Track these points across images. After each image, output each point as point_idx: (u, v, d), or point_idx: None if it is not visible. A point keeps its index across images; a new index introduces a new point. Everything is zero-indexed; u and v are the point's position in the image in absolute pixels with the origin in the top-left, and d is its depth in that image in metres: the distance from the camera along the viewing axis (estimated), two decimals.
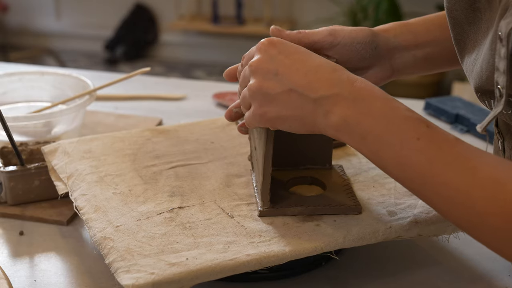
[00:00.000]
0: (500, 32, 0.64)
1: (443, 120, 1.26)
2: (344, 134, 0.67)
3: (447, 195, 0.62)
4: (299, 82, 0.68)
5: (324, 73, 0.69)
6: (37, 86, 1.20)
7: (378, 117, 0.66)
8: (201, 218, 0.78)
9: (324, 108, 0.68)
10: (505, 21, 0.63)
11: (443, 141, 0.64)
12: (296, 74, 0.69)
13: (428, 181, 0.63)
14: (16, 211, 0.90)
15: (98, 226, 0.76)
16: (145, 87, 1.42)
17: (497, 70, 0.66)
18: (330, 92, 0.67)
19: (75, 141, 0.94)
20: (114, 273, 0.69)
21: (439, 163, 0.62)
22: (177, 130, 0.98)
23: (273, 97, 0.69)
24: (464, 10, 0.71)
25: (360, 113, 0.66)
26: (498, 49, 0.65)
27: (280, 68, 0.69)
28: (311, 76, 0.69)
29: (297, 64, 0.70)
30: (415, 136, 0.64)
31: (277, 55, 0.70)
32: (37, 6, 4.70)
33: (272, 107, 0.70)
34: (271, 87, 0.69)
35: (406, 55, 0.85)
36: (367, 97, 0.67)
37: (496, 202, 0.59)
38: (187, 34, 4.50)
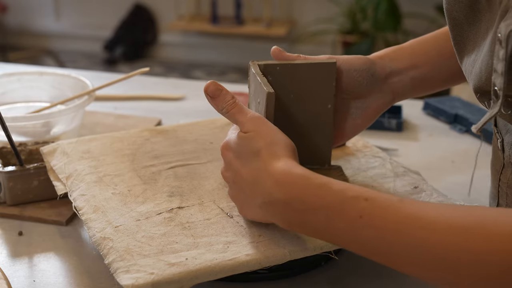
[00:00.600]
0: (499, 34, 0.64)
1: (442, 120, 1.26)
2: (299, 231, 0.70)
3: (409, 259, 0.60)
4: (247, 190, 0.71)
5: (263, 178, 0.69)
6: (36, 86, 1.20)
7: (316, 209, 0.65)
8: (201, 218, 0.78)
9: (268, 214, 0.70)
10: (505, 23, 0.63)
11: (386, 209, 0.62)
12: (244, 181, 0.72)
13: (387, 251, 0.62)
14: (15, 211, 0.90)
15: (98, 226, 0.76)
16: (144, 87, 1.42)
17: (495, 72, 0.66)
18: (268, 199, 0.68)
19: (74, 142, 0.94)
20: (114, 273, 0.69)
21: (388, 232, 0.61)
22: (176, 130, 0.99)
23: (239, 201, 0.75)
24: (464, 11, 0.71)
25: (300, 214, 0.66)
26: (497, 51, 0.65)
27: (235, 174, 0.73)
28: (254, 181, 0.70)
29: (245, 167, 0.72)
30: (357, 215, 0.62)
31: (233, 160, 0.73)
32: (37, 7, 4.70)
33: (242, 209, 0.75)
34: (235, 194, 0.75)
35: (404, 78, 0.86)
36: (298, 195, 0.66)
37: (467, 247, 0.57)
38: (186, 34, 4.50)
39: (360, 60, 0.83)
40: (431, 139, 1.20)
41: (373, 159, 0.92)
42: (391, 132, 1.21)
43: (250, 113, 0.74)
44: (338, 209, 0.64)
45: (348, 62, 0.83)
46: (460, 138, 1.20)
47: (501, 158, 0.79)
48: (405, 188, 0.84)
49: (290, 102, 0.81)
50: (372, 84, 0.84)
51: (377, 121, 1.21)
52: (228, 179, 0.75)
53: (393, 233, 0.61)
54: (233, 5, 4.29)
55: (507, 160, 0.78)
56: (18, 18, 4.73)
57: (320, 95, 0.82)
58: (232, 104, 0.75)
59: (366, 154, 0.93)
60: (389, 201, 0.63)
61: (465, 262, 0.57)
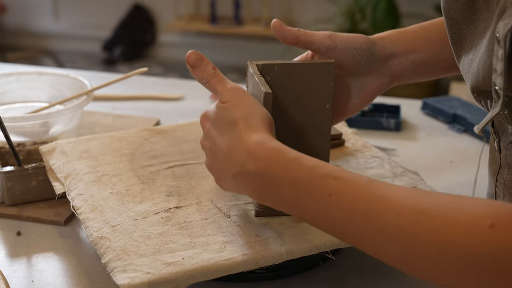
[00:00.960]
0: (497, 34, 0.64)
1: (441, 119, 1.26)
2: (267, 204, 0.68)
3: (376, 241, 0.60)
4: (222, 160, 0.71)
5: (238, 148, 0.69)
6: (34, 86, 1.20)
7: (288, 183, 0.65)
8: (198, 217, 0.78)
9: (240, 184, 0.69)
10: (502, 22, 0.63)
11: (356, 189, 0.62)
12: (220, 151, 0.71)
13: (354, 232, 0.62)
14: (13, 212, 0.90)
15: (95, 226, 0.76)
16: (143, 87, 1.42)
17: (494, 72, 0.66)
18: (240, 170, 0.68)
19: (73, 141, 0.94)
20: (110, 272, 0.69)
21: (357, 212, 0.61)
22: (174, 130, 0.99)
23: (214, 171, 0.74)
24: (462, 10, 0.71)
25: (270, 187, 0.66)
26: (496, 51, 0.65)
27: (212, 144, 0.72)
28: (228, 151, 0.70)
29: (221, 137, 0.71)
30: (327, 193, 0.62)
31: (211, 129, 0.73)
32: (35, 7, 4.70)
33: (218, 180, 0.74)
34: (211, 164, 0.74)
35: (404, 61, 0.85)
36: (268, 169, 0.66)
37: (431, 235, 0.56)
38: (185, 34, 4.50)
39: (360, 39, 0.83)
40: (429, 139, 1.20)
41: (371, 159, 0.92)
42: (390, 132, 1.21)
43: (230, 84, 0.74)
44: (307, 186, 0.64)
45: (349, 40, 0.82)
46: (458, 138, 1.20)
47: (497, 159, 0.79)
48: None
49: (288, 102, 0.81)
50: (371, 64, 0.84)
51: (376, 121, 1.21)
52: (206, 148, 0.74)
53: (361, 216, 0.61)
54: (232, 5, 4.29)
55: (503, 161, 0.78)
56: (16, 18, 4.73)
57: (318, 95, 0.82)
58: (212, 74, 0.75)
59: (365, 154, 0.93)
60: (358, 181, 0.63)
61: (430, 250, 0.56)
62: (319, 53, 0.82)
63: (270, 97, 0.73)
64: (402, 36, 0.86)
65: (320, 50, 0.82)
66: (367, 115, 1.26)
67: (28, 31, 4.74)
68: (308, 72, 0.81)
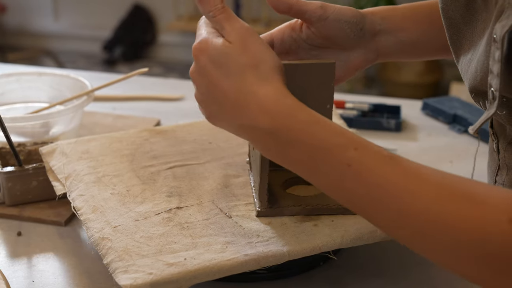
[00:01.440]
0: (495, 35, 0.64)
1: (441, 120, 1.26)
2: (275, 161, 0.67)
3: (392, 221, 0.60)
4: (226, 105, 0.67)
5: (250, 97, 0.66)
6: (34, 86, 1.20)
7: (302, 149, 0.63)
8: (199, 218, 0.78)
9: (248, 136, 0.68)
10: (500, 23, 0.63)
11: (376, 163, 0.61)
12: (223, 95, 0.67)
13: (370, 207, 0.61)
14: (14, 212, 0.90)
15: (96, 227, 0.76)
16: (143, 87, 1.41)
17: (491, 73, 0.66)
18: (251, 124, 0.66)
19: (73, 142, 0.94)
20: (112, 273, 0.69)
21: (375, 190, 0.60)
22: (175, 130, 0.98)
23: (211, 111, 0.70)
24: (460, 11, 0.71)
25: (282, 147, 0.64)
26: (493, 52, 0.64)
27: (210, 83, 0.68)
28: (236, 99, 0.66)
29: (225, 79, 0.67)
30: (346, 163, 0.61)
31: (208, 65, 0.68)
32: (35, 7, 4.70)
33: (214, 119, 0.70)
34: (207, 103, 0.70)
35: (392, 39, 0.84)
36: (283, 128, 0.64)
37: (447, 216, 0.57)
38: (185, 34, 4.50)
39: (351, 11, 0.81)
40: (430, 139, 1.20)
41: None
42: (390, 132, 1.21)
43: (240, 22, 0.69)
44: (324, 152, 0.62)
45: (340, 11, 0.81)
46: (459, 138, 1.20)
47: (496, 160, 0.79)
48: None
49: None
50: (359, 38, 0.82)
51: (376, 121, 1.21)
52: (198, 81, 0.70)
53: (380, 191, 0.60)
54: (232, 5, 4.29)
55: (502, 162, 0.78)
56: (17, 18, 4.72)
57: (319, 95, 0.82)
58: (220, 9, 0.69)
59: None
60: (379, 154, 0.62)
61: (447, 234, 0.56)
62: (310, 23, 0.80)
63: None
64: (392, 13, 0.85)
65: (311, 20, 0.80)
66: (367, 115, 1.26)
67: (28, 31, 4.74)
68: (309, 72, 0.81)
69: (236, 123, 0.67)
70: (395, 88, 3.83)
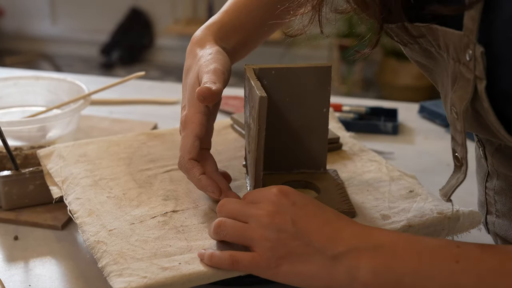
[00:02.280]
0: (453, 107, 0.63)
1: (438, 123, 1.27)
2: (376, 286, 0.64)
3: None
4: (316, 237, 0.66)
5: (340, 227, 0.67)
6: (32, 90, 1.21)
7: (407, 256, 0.64)
8: (195, 222, 0.78)
9: (346, 264, 0.64)
10: (455, 94, 0.62)
11: (481, 253, 0.62)
12: (312, 228, 0.66)
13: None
14: (10, 216, 0.90)
15: (92, 230, 0.76)
16: (140, 91, 1.42)
17: (453, 139, 0.66)
18: (349, 247, 0.65)
19: (70, 145, 0.94)
20: (107, 277, 0.69)
21: (488, 275, 0.61)
22: (172, 134, 0.99)
23: (290, 249, 0.66)
24: (423, 58, 0.71)
25: (387, 259, 0.64)
26: (453, 121, 0.64)
27: (296, 219, 0.67)
28: (327, 230, 0.66)
29: (312, 216, 0.67)
30: (453, 260, 0.62)
31: (291, 206, 0.68)
32: (33, 11, 4.70)
33: (288, 261, 0.66)
34: (288, 240, 0.66)
35: (236, 54, 0.91)
36: (387, 242, 0.65)
37: None
38: (183, 38, 4.50)
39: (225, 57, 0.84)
40: (426, 142, 1.20)
41: (369, 163, 0.92)
42: (387, 136, 1.21)
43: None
44: (430, 255, 0.63)
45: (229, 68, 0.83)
46: None
47: (485, 166, 0.79)
48: (400, 192, 0.84)
49: (285, 106, 0.81)
50: None
51: (373, 124, 1.22)
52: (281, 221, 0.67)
53: (494, 276, 0.61)
54: None
55: (491, 167, 0.78)
56: (14, 22, 4.73)
57: (315, 99, 0.82)
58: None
59: (362, 158, 0.93)
60: (481, 246, 0.63)
61: None
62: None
63: (264, 101, 0.73)
64: (225, 31, 0.90)
65: None
66: (364, 118, 1.26)
67: (25, 35, 4.74)
68: (305, 76, 0.81)
69: (333, 252, 0.65)
70: (393, 91, 3.83)
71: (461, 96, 0.62)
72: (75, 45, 4.65)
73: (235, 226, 0.69)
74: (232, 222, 0.70)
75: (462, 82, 0.62)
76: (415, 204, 0.80)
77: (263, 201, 0.69)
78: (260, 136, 0.74)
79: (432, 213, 0.78)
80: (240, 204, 0.71)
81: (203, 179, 0.76)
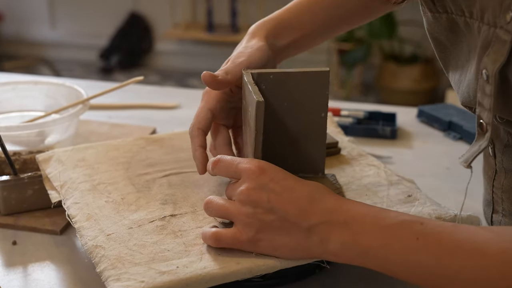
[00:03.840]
0: (484, 70, 0.64)
1: (436, 127, 1.27)
2: (344, 257, 0.68)
3: (463, 282, 0.62)
4: (291, 211, 0.69)
5: (315, 200, 0.70)
6: (30, 95, 1.21)
7: (372, 232, 0.66)
8: (193, 226, 0.78)
9: (318, 236, 0.68)
10: (488, 58, 0.63)
11: (441, 232, 0.64)
12: (288, 202, 0.70)
13: (441, 274, 0.63)
14: (9, 221, 0.90)
15: (90, 235, 0.76)
16: (139, 96, 1.42)
17: (480, 105, 0.66)
18: (322, 219, 0.68)
19: (69, 150, 0.94)
20: (105, 281, 0.69)
21: (444, 255, 0.62)
22: (171, 138, 0.99)
23: (266, 224, 0.70)
24: (445, 33, 0.71)
25: (355, 234, 0.67)
26: (482, 85, 0.65)
27: (272, 196, 0.70)
28: (303, 203, 0.69)
29: (288, 191, 0.70)
30: (414, 237, 0.64)
31: (268, 183, 0.71)
32: (32, 15, 4.70)
33: (265, 235, 0.70)
34: (263, 215, 0.70)
35: (287, 52, 0.92)
36: (357, 216, 0.68)
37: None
38: (182, 42, 4.51)
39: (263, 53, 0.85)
40: (425, 146, 1.20)
41: (367, 167, 0.92)
42: (385, 140, 1.21)
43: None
44: (393, 231, 0.65)
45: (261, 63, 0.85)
46: (454, 145, 1.20)
47: (493, 164, 0.79)
48: (398, 196, 0.84)
49: (283, 110, 0.81)
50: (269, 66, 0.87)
51: (371, 129, 1.22)
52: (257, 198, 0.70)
53: (449, 256, 0.62)
54: (228, 13, 4.30)
55: (499, 165, 0.78)
56: (13, 27, 4.73)
57: (313, 103, 0.82)
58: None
59: (361, 163, 0.93)
60: (443, 226, 0.64)
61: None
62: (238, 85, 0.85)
63: (261, 106, 0.73)
64: (281, 28, 0.91)
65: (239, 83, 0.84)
66: (362, 123, 1.26)
67: (24, 40, 4.74)
68: (303, 80, 0.81)
69: (307, 224, 0.68)
70: (392, 95, 3.84)
71: (495, 59, 0.63)
72: (74, 49, 4.66)
73: (218, 203, 0.74)
74: (216, 200, 0.74)
75: (498, 46, 0.63)
76: (413, 209, 0.80)
77: (242, 178, 0.73)
78: (258, 141, 0.74)
79: (431, 218, 0.78)
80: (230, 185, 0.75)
81: (198, 152, 0.82)
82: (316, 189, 0.71)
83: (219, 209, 0.73)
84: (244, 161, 0.74)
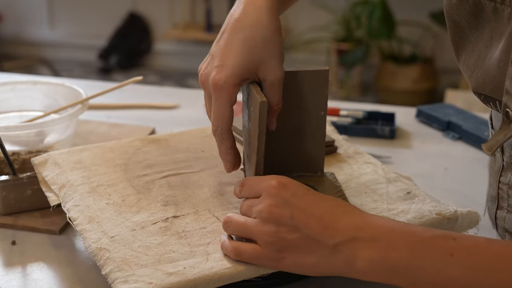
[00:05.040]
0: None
1: (435, 127, 1.27)
2: (372, 275, 0.66)
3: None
4: (316, 229, 0.67)
5: (339, 216, 0.68)
6: (29, 95, 1.20)
7: (401, 247, 0.65)
8: (196, 227, 0.78)
9: (344, 253, 0.66)
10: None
11: (475, 247, 0.63)
12: (312, 219, 0.68)
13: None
14: (8, 221, 0.90)
15: (93, 237, 0.76)
16: (138, 96, 1.42)
17: (507, 93, 0.65)
18: (347, 237, 0.66)
19: (65, 152, 0.93)
20: (112, 284, 0.69)
21: (480, 270, 0.62)
22: (167, 139, 0.98)
23: (290, 243, 0.68)
24: (466, 17, 0.71)
25: (383, 250, 0.65)
26: (510, 73, 0.64)
27: (295, 212, 0.68)
28: (327, 219, 0.68)
29: (311, 207, 0.68)
30: (447, 253, 0.63)
31: (290, 199, 0.69)
32: (31, 16, 4.70)
33: (289, 254, 0.68)
34: (287, 233, 0.67)
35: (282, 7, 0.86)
36: (384, 232, 0.66)
37: None
38: (181, 43, 4.50)
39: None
40: (424, 146, 1.20)
41: (365, 165, 0.92)
42: (384, 140, 1.21)
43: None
44: (425, 247, 0.64)
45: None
46: (453, 145, 1.20)
47: (500, 160, 0.79)
48: (398, 193, 0.84)
49: (283, 109, 0.81)
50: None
51: (370, 129, 1.22)
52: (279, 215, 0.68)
53: (484, 272, 0.61)
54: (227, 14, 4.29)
55: (507, 161, 0.78)
56: (12, 27, 4.73)
57: (313, 102, 0.82)
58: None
59: (358, 161, 0.94)
60: (476, 240, 0.64)
61: None
62: None
63: (265, 106, 0.74)
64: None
65: None
66: (361, 123, 1.26)
67: (24, 40, 4.74)
68: (303, 79, 0.81)
69: (332, 242, 0.66)
70: (391, 95, 3.84)
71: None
72: (73, 50, 4.65)
73: (238, 221, 0.71)
74: (236, 218, 0.72)
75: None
76: (413, 206, 0.80)
77: (263, 195, 0.71)
78: (261, 141, 0.74)
79: (431, 214, 0.79)
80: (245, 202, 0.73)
81: (230, 155, 0.79)
82: (337, 204, 0.70)
83: (239, 228, 0.71)
84: (263, 179, 0.72)
